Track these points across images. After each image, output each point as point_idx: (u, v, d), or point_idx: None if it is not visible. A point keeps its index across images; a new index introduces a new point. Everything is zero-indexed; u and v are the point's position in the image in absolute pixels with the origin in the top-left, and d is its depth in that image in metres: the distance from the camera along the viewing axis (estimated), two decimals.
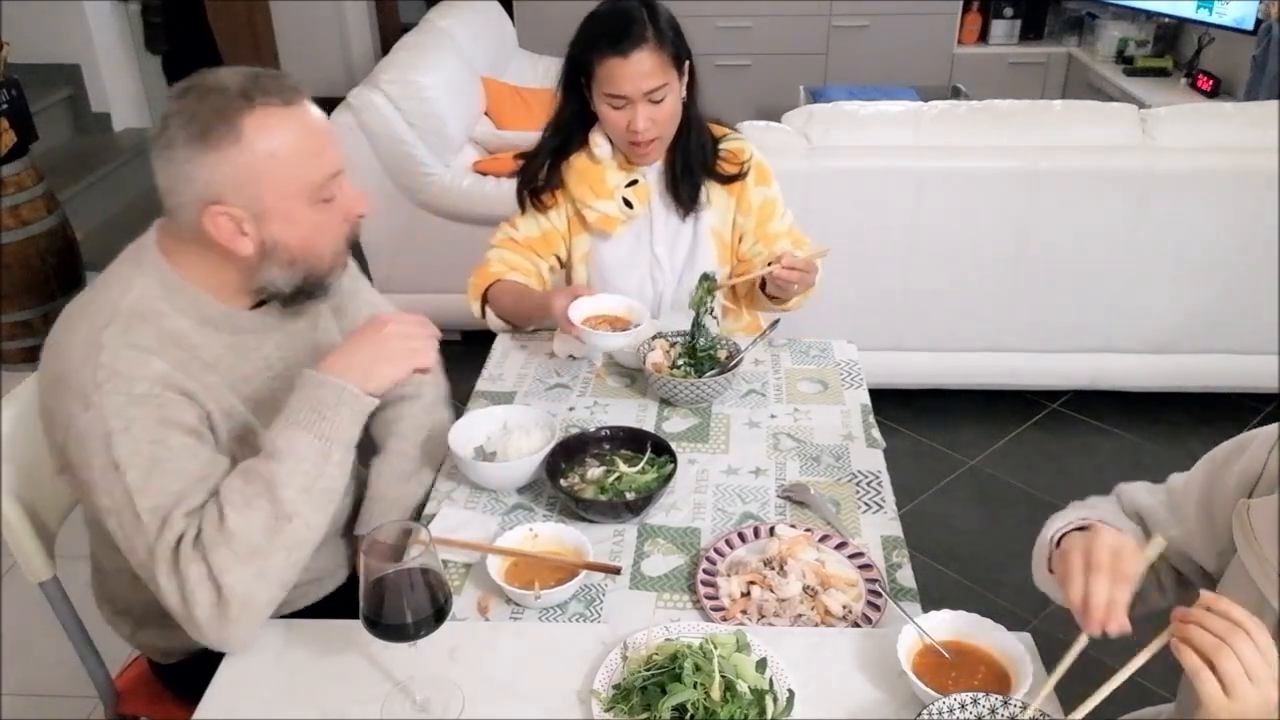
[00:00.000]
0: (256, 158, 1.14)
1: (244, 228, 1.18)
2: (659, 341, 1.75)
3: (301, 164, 1.18)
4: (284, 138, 1.16)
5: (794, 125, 2.79)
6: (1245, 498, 1.10)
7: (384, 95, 3.10)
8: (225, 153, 1.13)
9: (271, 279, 1.24)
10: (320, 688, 1.15)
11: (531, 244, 1.90)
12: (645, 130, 1.73)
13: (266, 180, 1.16)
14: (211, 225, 1.17)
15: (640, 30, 1.67)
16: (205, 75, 1.17)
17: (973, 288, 2.86)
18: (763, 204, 1.89)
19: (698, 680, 1.05)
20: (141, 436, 1.15)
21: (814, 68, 5.22)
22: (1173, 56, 4.71)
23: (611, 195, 1.84)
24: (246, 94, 1.14)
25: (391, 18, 6.21)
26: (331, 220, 1.24)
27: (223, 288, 1.26)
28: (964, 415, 3.08)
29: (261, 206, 1.17)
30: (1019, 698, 1.04)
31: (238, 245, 1.19)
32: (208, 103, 1.14)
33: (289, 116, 1.17)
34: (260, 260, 1.22)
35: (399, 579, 1.03)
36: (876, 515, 1.43)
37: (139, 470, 1.14)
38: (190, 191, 1.16)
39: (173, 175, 1.16)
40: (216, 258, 1.22)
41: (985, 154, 2.70)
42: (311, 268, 1.25)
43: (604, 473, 1.47)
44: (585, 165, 1.84)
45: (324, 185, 1.21)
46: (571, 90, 1.80)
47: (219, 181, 1.15)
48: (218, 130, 1.13)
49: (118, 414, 1.14)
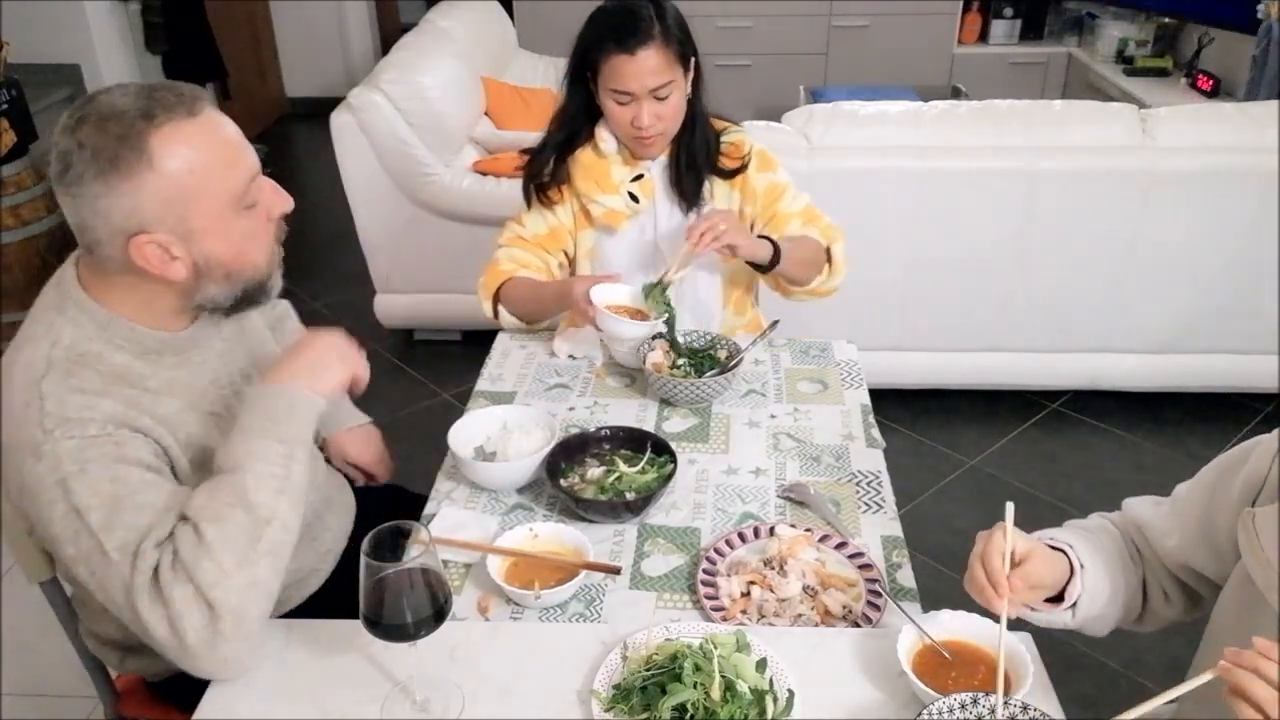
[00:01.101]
0: (174, 178, 1.09)
1: (173, 252, 1.13)
2: (659, 341, 1.75)
3: (221, 174, 1.13)
4: (198, 151, 1.11)
5: (794, 125, 2.79)
6: (1249, 506, 1.10)
7: (384, 95, 3.10)
8: (140, 180, 1.08)
9: (210, 296, 1.20)
10: (320, 688, 1.15)
11: (540, 241, 1.90)
12: (650, 126, 1.74)
13: (188, 199, 1.11)
14: (139, 256, 1.11)
15: (647, 27, 1.68)
16: (96, 100, 1.10)
17: (973, 288, 2.86)
18: (768, 188, 1.89)
19: (698, 680, 1.05)
20: (100, 476, 1.10)
21: (814, 68, 5.22)
22: (1173, 56, 4.71)
23: (617, 190, 1.84)
24: (147, 113, 1.08)
25: (391, 18, 6.22)
26: (258, 225, 1.20)
27: (158, 314, 1.21)
28: (964, 415, 3.08)
29: (188, 226, 1.12)
30: (1019, 698, 1.04)
31: (170, 271, 1.14)
32: (108, 131, 1.07)
33: (197, 128, 1.11)
34: (196, 281, 1.17)
35: (399, 579, 1.03)
36: (876, 515, 1.43)
37: (100, 511, 1.09)
38: (108, 226, 1.10)
39: (86, 212, 1.10)
40: (148, 286, 1.17)
41: (985, 154, 2.70)
42: (249, 277, 1.22)
43: (604, 473, 1.47)
44: (591, 160, 1.85)
45: (246, 191, 1.17)
46: (577, 85, 1.81)
47: (140, 210, 1.09)
48: (126, 158, 1.07)
49: (71, 458, 1.10)
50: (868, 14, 5.09)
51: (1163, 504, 1.26)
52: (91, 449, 1.11)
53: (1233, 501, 1.13)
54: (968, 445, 2.96)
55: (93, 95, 1.12)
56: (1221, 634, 1.17)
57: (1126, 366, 2.98)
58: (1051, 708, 1.07)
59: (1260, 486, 1.10)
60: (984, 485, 2.81)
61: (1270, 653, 0.90)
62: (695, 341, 1.79)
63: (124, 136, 1.07)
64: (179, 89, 1.13)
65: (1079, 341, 2.95)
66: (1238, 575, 1.11)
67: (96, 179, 1.08)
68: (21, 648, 2.27)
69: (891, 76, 5.00)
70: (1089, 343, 2.95)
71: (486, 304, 1.89)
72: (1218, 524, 1.15)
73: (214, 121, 1.14)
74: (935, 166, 2.69)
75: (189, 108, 1.11)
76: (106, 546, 1.09)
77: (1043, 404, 3.14)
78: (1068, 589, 1.14)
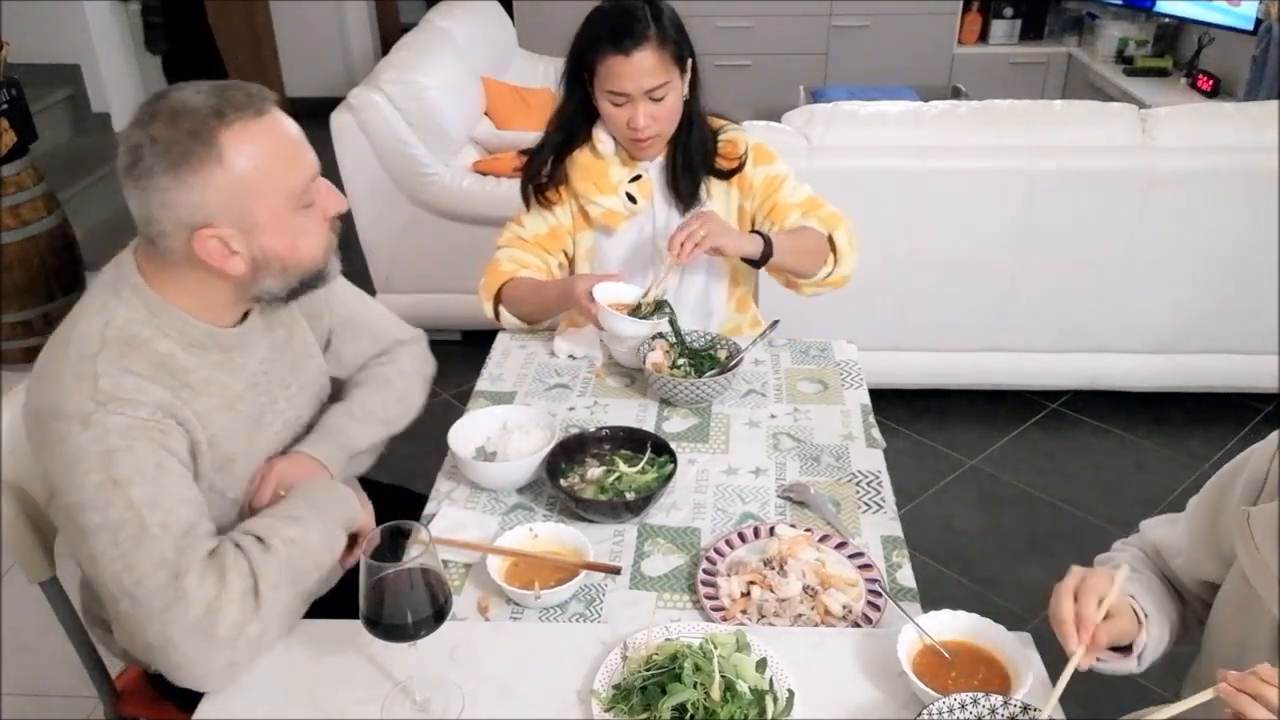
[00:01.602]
0: (241, 175, 1.13)
1: (233, 246, 1.17)
2: (659, 341, 1.75)
3: (283, 173, 1.18)
4: (264, 149, 1.15)
5: (794, 125, 2.79)
6: (1246, 505, 1.10)
7: (384, 95, 3.10)
8: (209, 175, 1.12)
9: (265, 289, 1.24)
10: (320, 688, 1.15)
11: (540, 241, 1.90)
12: (645, 127, 1.74)
13: (252, 195, 1.15)
14: (201, 249, 1.15)
15: (642, 29, 1.68)
16: (169, 97, 1.14)
17: (973, 288, 2.86)
18: (765, 181, 1.89)
19: (698, 680, 1.05)
20: (145, 457, 1.14)
21: (814, 68, 5.22)
22: (1173, 56, 4.71)
23: (615, 190, 1.84)
24: (219, 111, 1.12)
25: (391, 18, 6.22)
26: (315, 223, 1.24)
27: (211, 306, 1.25)
28: (964, 415, 3.08)
29: (250, 221, 1.16)
30: (1019, 698, 1.04)
31: (229, 265, 1.18)
32: (181, 126, 1.11)
33: (264, 127, 1.15)
34: (253, 274, 1.21)
35: (399, 579, 1.03)
36: (876, 515, 1.43)
37: (143, 487, 1.12)
38: (174, 218, 1.14)
39: (153, 204, 1.13)
40: (206, 278, 1.21)
41: (985, 154, 2.70)
42: (305, 269, 1.26)
43: (604, 473, 1.47)
44: (589, 161, 1.85)
45: (305, 190, 1.21)
46: (574, 86, 1.81)
47: (206, 204, 1.13)
48: (197, 153, 1.11)
49: (121, 433, 1.13)
50: (868, 14, 5.09)
51: (1178, 520, 1.26)
52: (139, 430, 1.14)
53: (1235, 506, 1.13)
54: (968, 445, 2.96)
55: (165, 92, 1.15)
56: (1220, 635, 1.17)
57: (1126, 366, 2.98)
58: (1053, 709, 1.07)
59: (1260, 486, 1.10)
60: (984, 485, 2.81)
61: (1272, 679, 0.92)
62: (695, 341, 1.79)
63: (196, 132, 1.11)
64: (248, 89, 1.17)
65: (1079, 341, 2.95)
66: (1235, 574, 1.12)
67: (166, 172, 1.11)
68: (21, 648, 2.27)
69: (891, 76, 5.00)
70: (1089, 343, 2.95)
71: (488, 305, 1.89)
72: (1221, 531, 1.15)
73: (279, 121, 1.19)
74: (935, 166, 2.69)
75: (257, 107, 1.16)
76: (147, 520, 1.11)
77: (1043, 404, 3.14)
78: (1135, 641, 1.13)
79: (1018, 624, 1.20)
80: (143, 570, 1.11)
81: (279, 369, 1.38)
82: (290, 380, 1.40)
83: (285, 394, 1.39)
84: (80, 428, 1.12)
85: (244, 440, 1.30)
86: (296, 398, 1.42)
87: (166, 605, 1.10)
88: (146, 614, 1.10)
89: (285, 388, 1.39)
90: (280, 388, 1.38)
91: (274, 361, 1.37)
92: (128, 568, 1.11)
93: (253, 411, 1.32)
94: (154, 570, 1.11)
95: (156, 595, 1.10)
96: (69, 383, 1.14)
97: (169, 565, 1.11)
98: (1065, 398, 3.15)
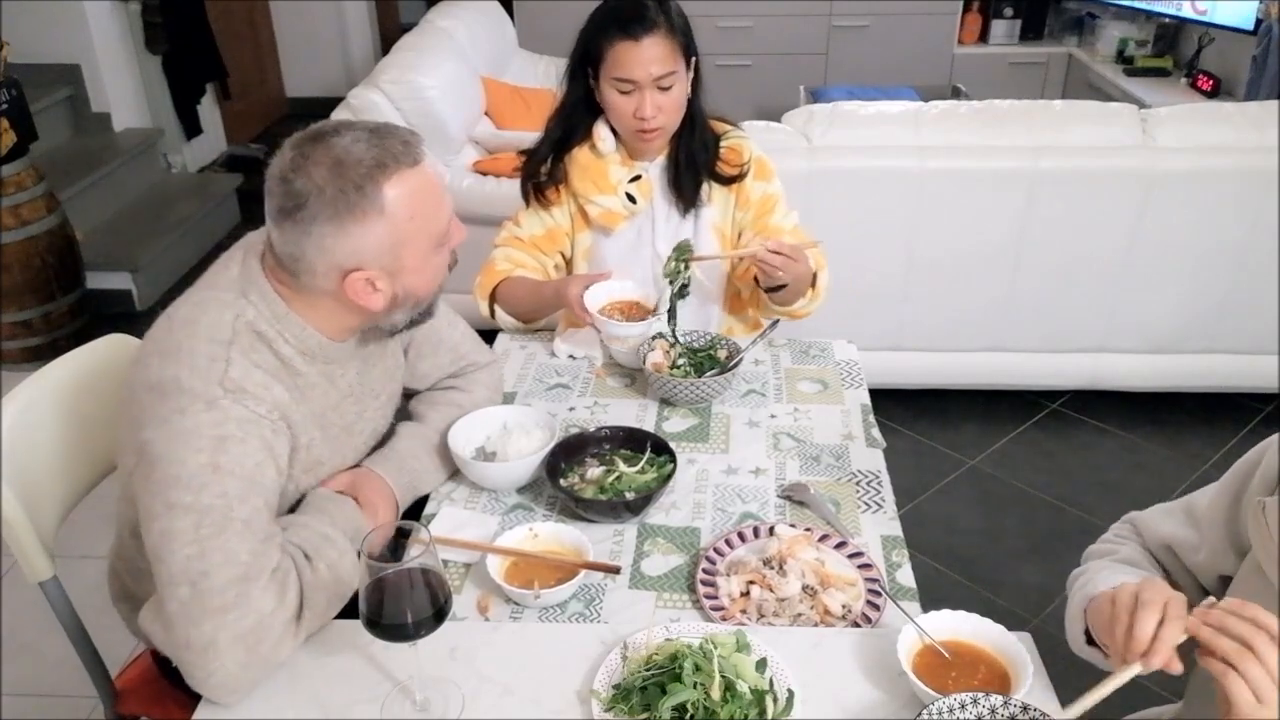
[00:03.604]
0: (398, 224, 1.17)
1: (378, 285, 1.20)
2: (659, 341, 1.75)
3: (432, 219, 1.22)
4: (418, 198, 1.19)
5: (794, 125, 2.79)
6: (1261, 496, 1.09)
7: (384, 95, 3.10)
8: (370, 225, 1.15)
9: (393, 321, 1.29)
10: (320, 688, 1.15)
11: (536, 242, 1.90)
12: (652, 117, 1.74)
13: (405, 242, 1.19)
14: (350, 290, 1.19)
15: (653, 16, 1.70)
16: (329, 143, 1.15)
17: (973, 288, 2.86)
18: (762, 199, 1.88)
19: (698, 680, 1.05)
20: (251, 456, 1.17)
21: (814, 68, 5.22)
22: (1173, 56, 4.72)
23: (615, 190, 1.84)
24: (381, 163, 1.15)
25: (391, 18, 6.22)
26: (445, 259, 1.29)
27: (333, 326, 1.27)
28: (964, 415, 3.08)
29: (399, 265, 1.20)
30: (1019, 698, 1.04)
31: (371, 301, 1.21)
32: (348, 177, 1.14)
33: (419, 177, 1.19)
34: (389, 309, 1.25)
35: (399, 579, 1.03)
36: (876, 515, 1.43)
37: (241, 481, 1.14)
38: (329, 262, 1.18)
39: (309, 247, 1.17)
40: (340, 307, 1.24)
41: (985, 154, 2.70)
42: (429, 302, 1.31)
43: (604, 473, 1.47)
44: (588, 160, 1.84)
45: (445, 232, 1.25)
46: (577, 79, 1.81)
47: (362, 251, 1.17)
48: (361, 205, 1.14)
49: (240, 425, 1.16)
50: (868, 14, 5.09)
51: (1174, 511, 1.25)
52: (254, 425, 1.18)
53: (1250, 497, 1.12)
54: (968, 445, 2.96)
55: (323, 134, 1.17)
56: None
57: (1126, 366, 2.98)
58: (1051, 708, 1.07)
59: (1277, 478, 1.10)
60: (984, 485, 2.81)
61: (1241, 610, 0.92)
62: (695, 341, 1.79)
63: (360, 185, 1.14)
64: (404, 136, 1.20)
65: (1079, 341, 2.95)
66: (1247, 565, 1.11)
67: (330, 220, 1.15)
68: (21, 648, 2.27)
69: (891, 76, 5.00)
70: (1089, 343, 2.95)
71: (483, 304, 1.90)
72: (1239, 524, 1.15)
73: (430, 170, 1.22)
74: (935, 166, 2.69)
75: (414, 156, 1.19)
76: (234, 514, 1.12)
77: (1043, 404, 3.14)
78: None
79: (1018, 624, 1.20)
80: (213, 561, 1.10)
81: (371, 380, 1.41)
82: (381, 391, 1.44)
83: (375, 404, 1.43)
84: (204, 407, 1.14)
85: (334, 446, 1.34)
86: (385, 407, 1.47)
87: (225, 606, 1.10)
88: (203, 610, 1.10)
89: (375, 398, 1.42)
90: (371, 398, 1.41)
91: (367, 373, 1.40)
92: (201, 554, 1.10)
93: (345, 420, 1.35)
94: (224, 565, 1.10)
95: (218, 592, 1.10)
96: (202, 363, 1.17)
97: (240, 565, 1.11)
98: (1065, 398, 3.15)
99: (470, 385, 1.58)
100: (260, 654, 1.11)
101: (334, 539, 1.23)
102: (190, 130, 4.75)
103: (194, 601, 1.10)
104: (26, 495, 1.38)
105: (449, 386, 1.58)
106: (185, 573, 1.10)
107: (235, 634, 1.10)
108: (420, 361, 1.55)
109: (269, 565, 1.14)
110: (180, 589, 1.11)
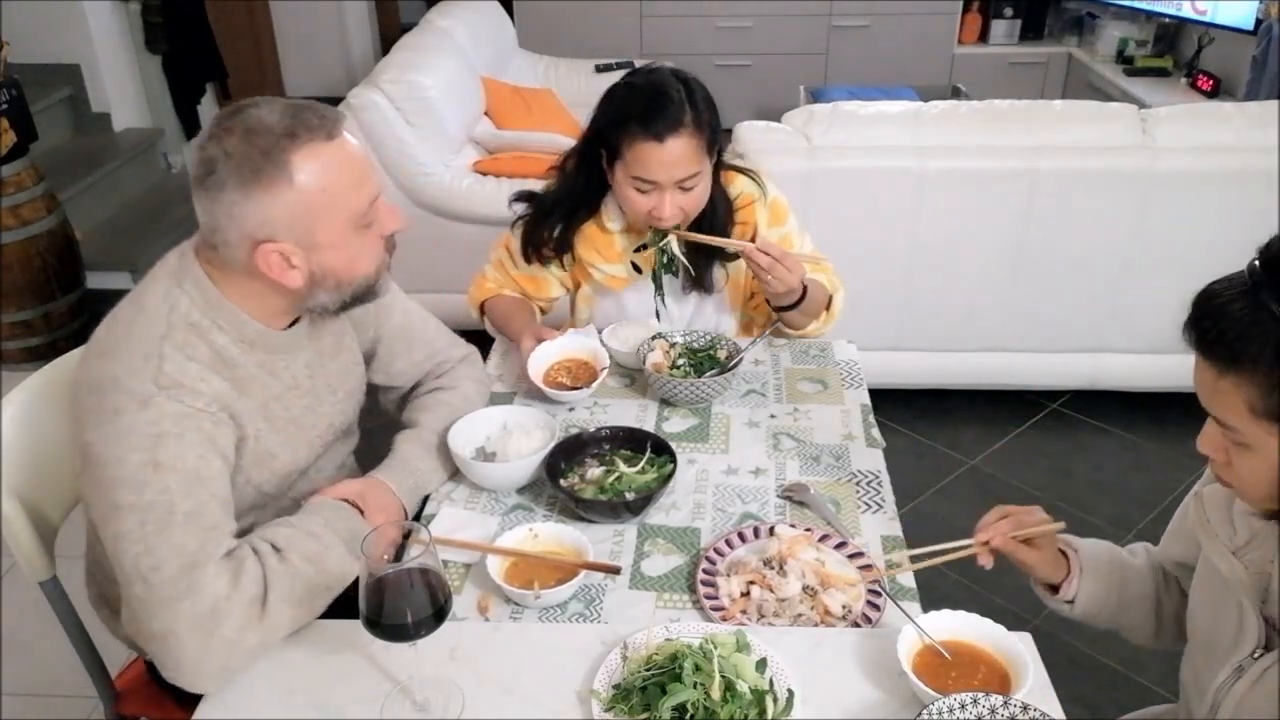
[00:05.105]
0: (308, 195, 1.17)
1: (293, 261, 1.20)
2: (659, 341, 1.75)
3: (348, 195, 1.21)
4: (332, 172, 1.18)
5: (794, 125, 2.79)
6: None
7: (384, 95, 3.10)
8: (277, 193, 1.15)
9: (319, 302, 1.28)
10: (320, 688, 1.15)
11: (521, 282, 1.88)
12: (670, 218, 1.66)
13: (317, 215, 1.19)
14: (262, 262, 1.19)
15: (678, 112, 1.58)
16: (245, 113, 1.17)
17: (973, 288, 2.86)
18: (780, 241, 1.81)
19: (698, 680, 1.05)
20: (191, 448, 1.17)
21: (814, 68, 5.22)
22: (1173, 56, 4.72)
23: (620, 259, 1.82)
24: (292, 132, 1.15)
25: (391, 18, 6.21)
26: (372, 242, 1.28)
27: (265, 310, 1.28)
28: (964, 415, 3.08)
29: (312, 240, 1.20)
30: (1019, 698, 1.04)
31: (287, 278, 1.21)
32: (255, 144, 1.14)
33: (334, 150, 1.19)
34: (309, 289, 1.25)
35: (399, 579, 1.03)
36: (876, 515, 1.43)
37: (181, 477, 1.15)
38: (239, 230, 1.17)
39: (220, 215, 1.17)
40: (263, 287, 1.24)
41: (985, 154, 2.70)
42: (358, 287, 1.29)
43: (604, 473, 1.47)
44: (594, 233, 1.80)
45: (367, 212, 1.24)
46: (588, 161, 1.72)
47: (272, 221, 1.17)
48: (268, 171, 1.14)
49: (174, 420, 1.16)
50: (868, 14, 5.09)
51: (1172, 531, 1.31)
52: (192, 419, 1.18)
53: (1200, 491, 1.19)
54: (968, 445, 2.96)
55: (241, 106, 1.18)
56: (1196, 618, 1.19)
57: (1126, 366, 2.98)
58: (1051, 708, 1.07)
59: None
60: (984, 485, 2.81)
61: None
62: (695, 341, 1.79)
63: (268, 151, 1.14)
64: (322, 111, 1.20)
65: (1079, 341, 2.95)
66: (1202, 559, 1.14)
67: (237, 188, 1.15)
68: (21, 648, 2.27)
69: (891, 76, 5.00)
70: (1089, 343, 2.95)
71: (474, 311, 1.91)
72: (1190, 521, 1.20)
73: (348, 146, 1.22)
74: (935, 166, 2.69)
75: (329, 130, 1.19)
76: (177, 509, 1.13)
77: (1043, 404, 3.14)
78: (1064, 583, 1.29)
79: (1018, 624, 1.20)
80: (161, 556, 1.12)
81: (326, 375, 1.40)
82: (338, 386, 1.43)
83: (332, 399, 1.42)
84: (139, 406, 1.15)
85: (284, 438, 1.33)
86: (343, 403, 1.46)
87: (177, 595, 1.11)
88: (157, 601, 1.11)
89: (333, 393, 1.42)
90: (328, 392, 1.41)
91: (321, 367, 1.39)
92: (148, 550, 1.12)
93: (292, 413, 1.34)
94: (172, 558, 1.12)
95: (170, 583, 1.11)
96: (136, 361, 1.17)
97: (187, 555, 1.12)
98: (1065, 398, 3.15)
99: (455, 381, 1.58)
100: (222, 636, 1.11)
101: (319, 535, 1.23)
102: (190, 130, 4.75)
103: (149, 596, 1.11)
104: (26, 495, 1.39)
105: (435, 388, 1.58)
106: (137, 570, 1.12)
107: (191, 619, 1.10)
108: (395, 360, 1.55)
109: (217, 552, 1.14)
110: (136, 587, 1.12)
